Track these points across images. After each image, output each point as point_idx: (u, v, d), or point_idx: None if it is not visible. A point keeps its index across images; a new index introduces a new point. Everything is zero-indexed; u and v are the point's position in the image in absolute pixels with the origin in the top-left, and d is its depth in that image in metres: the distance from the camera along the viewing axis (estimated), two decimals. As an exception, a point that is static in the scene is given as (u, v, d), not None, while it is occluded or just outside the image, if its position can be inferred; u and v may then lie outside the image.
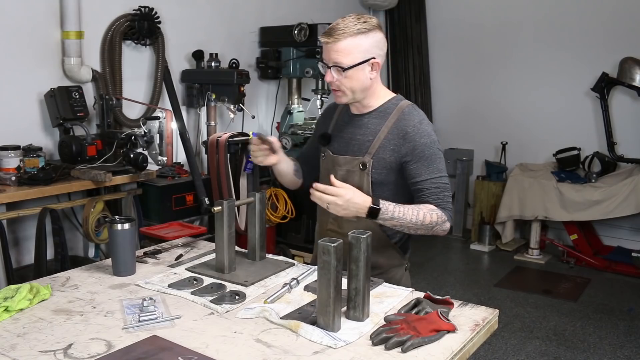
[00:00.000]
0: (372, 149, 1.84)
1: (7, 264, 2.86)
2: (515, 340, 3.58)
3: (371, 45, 1.77)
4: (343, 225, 1.90)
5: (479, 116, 5.87)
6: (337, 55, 1.75)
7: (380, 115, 1.87)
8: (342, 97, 1.84)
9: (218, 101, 4.03)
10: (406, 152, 1.80)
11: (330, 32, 1.76)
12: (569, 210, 4.86)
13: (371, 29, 1.76)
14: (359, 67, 1.77)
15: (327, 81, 1.81)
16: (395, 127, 1.82)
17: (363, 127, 1.88)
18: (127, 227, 1.80)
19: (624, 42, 5.00)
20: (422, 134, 1.80)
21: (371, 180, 1.84)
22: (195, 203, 3.63)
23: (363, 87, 1.82)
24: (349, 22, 1.75)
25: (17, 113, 3.24)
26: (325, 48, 1.78)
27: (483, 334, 1.52)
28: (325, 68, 1.80)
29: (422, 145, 1.79)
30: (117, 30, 3.60)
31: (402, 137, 1.81)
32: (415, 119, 1.83)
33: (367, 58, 1.77)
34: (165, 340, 1.38)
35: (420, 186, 1.80)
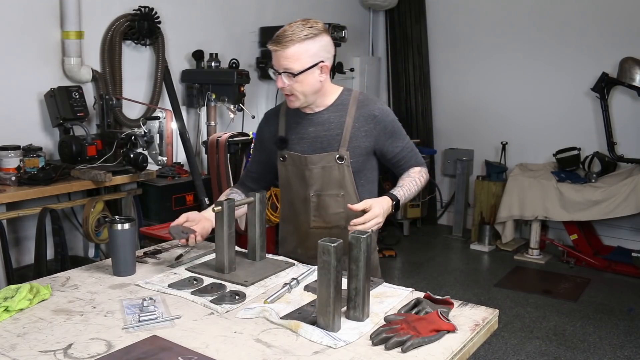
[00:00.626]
0: (344, 141, 1.90)
1: (7, 264, 2.86)
2: (515, 340, 3.58)
3: (319, 49, 1.82)
4: (328, 219, 1.96)
5: (479, 116, 5.87)
6: (287, 61, 1.79)
7: (338, 109, 1.93)
8: (295, 102, 1.89)
9: (218, 101, 4.03)
10: (379, 133, 1.93)
11: (278, 39, 1.79)
12: (569, 210, 4.86)
13: (318, 34, 1.81)
14: (308, 71, 1.81)
15: (279, 87, 1.86)
16: (360, 114, 1.91)
17: (325, 123, 1.93)
18: (127, 227, 1.80)
19: (624, 42, 5.00)
20: (387, 113, 1.95)
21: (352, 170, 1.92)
22: (195, 203, 3.63)
23: (314, 90, 1.87)
24: (295, 28, 1.79)
25: (17, 113, 3.24)
26: (274, 55, 1.82)
27: (483, 334, 1.52)
28: (276, 74, 1.84)
29: (391, 122, 1.95)
30: (117, 30, 3.60)
31: (372, 121, 1.92)
32: (376, 102, 1.97)
33: (316, 62, 1.82)
34: (165, 340, 1.38)
35: (401, 155, 1.98)
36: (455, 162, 5.78)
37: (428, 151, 5.90)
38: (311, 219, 1.98)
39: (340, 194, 1.94)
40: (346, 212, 1.89)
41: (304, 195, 1.98)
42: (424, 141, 6.04)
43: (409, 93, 6.12)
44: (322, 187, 1.94)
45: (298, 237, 2.05)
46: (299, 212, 2.01)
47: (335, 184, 1.93)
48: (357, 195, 1.93)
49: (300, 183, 1.98)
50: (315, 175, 1.93)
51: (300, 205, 2.00)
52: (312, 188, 1.95)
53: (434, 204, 6.16)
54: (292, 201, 2.04)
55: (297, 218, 2.03)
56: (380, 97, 6.33)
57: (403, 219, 5.74)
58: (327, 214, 1.96)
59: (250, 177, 2.15)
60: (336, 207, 1.94)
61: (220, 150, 3.71)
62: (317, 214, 1.97)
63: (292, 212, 2.05)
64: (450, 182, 6.10)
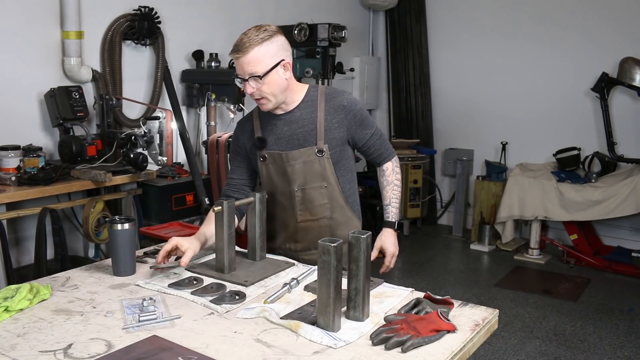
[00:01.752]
0: (320, 135, 1.96)
1: (7, 264, 2.86)
2: (515, 340, 3.58)
3: (277, 49, 1.88)
4: (314, 212, 2.03)
5: (479, 116, 5.87)
6: (250, 66, 1.84)
7: (308, 105, 1.99)
8: (267, 104, 1.93)
9: (218, 101, 4.03)
10: (350, 122, 1.99)
11: (238, 48, 1.85)
12: (569, 210, 4.86)
13: (273, 35, 1.87)
14: (272, 71, 1.86)
15: (248, 93, 1.90)
16: (329, 107, 1.98)
17: (298, 120, 1.98)
18: (127, 227, 1.81)
19: (624, 42, 5.00)
20: (355, 102, 2.02)
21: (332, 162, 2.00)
22: (195, 203, 3.63)
23: (281, 89, 1.92)
24: (251, 34, 1.85)
25: (17, 113, 3.24)
26: (237, 64, 1.87)
27: (483, 334, 1.52)
28: (243, 82, 1.88)
29: (360, 111, 2.02)
30: (117, 30, 3.60)
31: (342, 112, 1.98)
32: (343, 93, 2.02)
33: (278, 61, 1.87)
34: (165, 340, 1.38)
35: (370, 143, 2.06)
36: (455, 162, 5.78)
37: (428, 151, 5.90)
38: (298, 213, 2.03)
39: (324, 186, 2.01)
40: (330, 202, 2.02)
41: (288, 191, 2.02)
42: (424, 141, 6.04)
43: (409, 93, 6.12)
44: (305, 181, 2.00)
45: (286, 232, 2.09)
46: (286, 208, 2.06)
47: (317, 177, 1.99)
48: (339, 185, 2.02)
49: (283, 180, 2.02)
50: (297, 170, 1.98)
51: (285, 202, 2.05)
52: (295, 183, 2.00)
53: (434, 204, 6.16)
54: (276, 198, 2.07)
55: (284, 214, 2.07)
56: (380, 97, 6.33)
57: (403, 219, 5.74)
58: (313, 207, 2.02)
59: (234, 186, 2.13)
60: (321, 199, 2.02)
61: (220, 150, 3.70)
62: (303, 208, 2.03)
63: (277, 208, 2.09)
64: (450, 182, 6.10)
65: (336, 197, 2.03)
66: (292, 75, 1.96)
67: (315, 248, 1.86)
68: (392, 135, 6.29)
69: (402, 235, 5.71)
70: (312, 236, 2.03)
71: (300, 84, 2.03)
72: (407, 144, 5.78)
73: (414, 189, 5.65)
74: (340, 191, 2.03)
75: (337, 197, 2.03)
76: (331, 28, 4.39)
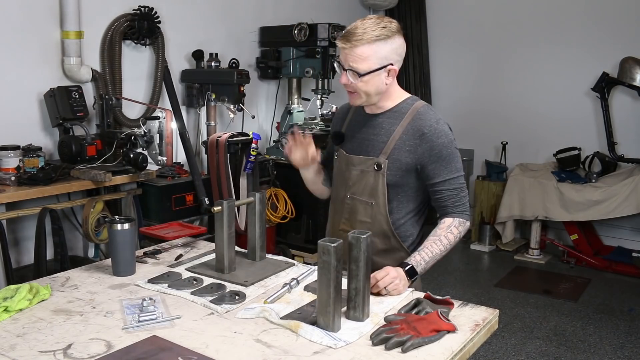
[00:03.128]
0: (387, 150, 1.82)
1: (7, 264, 2.86)
2: (515, 341, 3.58)
3: (389, 52, 1.74)
4: (355, 225, 1.89)
5: (479, 116, 5.86)
6: (354, 59, 1.72)
7: (394, 116, 1.85)
8: (356, 100, 1.83)
9: (218, 101, 4.02)
10: (423, 152, 1.79)
11: (348, 36, 1.72)
12: (569, 210, 4.85)
13: (391, 35, 1.73)
14: (374, 73, 1.74)
15: (342, 83, 1.80)
16: (411, 127, 1.81)
17: (377, 127, 1.87)
18: (127, 227, 1.80)
19: (624, 41, 4.99)
20: (439, 134, 1.79)
21: (386, 182, 1.83)
22: (195, 203, 3.62)
23: (378, 92, 1.80)
24: (368, 27, 1.71)
25: (17, 113, 3.24)
26: (342, 51, 1.75)
27: (483, 334, 1.52)
28: (341, 69, 1.78)
29: (440, 146, 1.79)
30: (117, 30, 3.60)
31: (419, 138, 1.79)
32: (432, 119, 1.81)
33: (384, 65, 1.75)
34: (165, 341, 1.38)
35: (439, 187, 1.82)
36: (455, 162, 5.77)
37: (428, 151, 5.89)
38: (342, 220, 1.95)
39: (371, 203, 1.86)
40: (373, 223, 1.85)
41: (343, 195, 1.94)
42: (424, 141, 6.02)
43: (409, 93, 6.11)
44: (357, 191, 1.89)
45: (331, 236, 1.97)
46: (336, 212, 1.98)
47: (367, 191, 1.86)
48: (386, 209, 1.85)
49: (342, 182, 1.94)
50: (354, 177, 1.89)
51: (338, 205, 1.97)
52: (349, 190, 1.91)
53: (434, 204, 6.14)
54: (334, 199, 2.01)
55: (334, 217, 2.01)
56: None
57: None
58: (356, 220, 1.90)
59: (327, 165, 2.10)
60: (364, 215, 1.88)
61: (220, 150, 3.70)
62: (347, 217, 1.92)
63: (332, 210, 2.02)
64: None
65: (380, 220, 1.85)
66: (395, 81, 1.84)
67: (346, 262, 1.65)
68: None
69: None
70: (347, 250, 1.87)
71: (401, 91, 1.89)
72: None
73: (414, 189, 5.64)
74: (386, 216, 1.84)
75: (381, 221, 1.85)
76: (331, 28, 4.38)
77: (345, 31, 1.74)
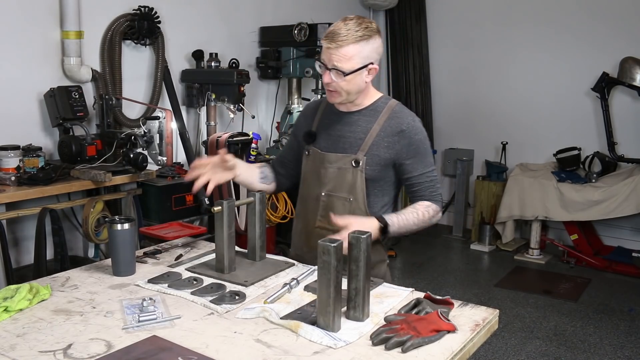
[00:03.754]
0: (364, 146, 1.87)
1: (7, 264, 2.86)
2: (515, 341, 3.58)
3: (371, 51, 1.80)
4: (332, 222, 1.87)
5: (479, 116, 5.86)
6: (339, 59, 1.77)
7: (370, 114, 1.91)
8: (336, 98, 1.88)
9: (218, 101, 4.02)
10: (401, 148, 1.87)
11: (333, 36, 1.77)
12: (569, 210, 4.86)
13: (372, 35, 1.79)
14: (357, 72, 1.80)
15: (325, 82, 1.84)
16: (388, 124, 1.88)
17: (353, 124, 1.91)
18: (127, 227, 1.80)
19: (624, 41, 5.00)
20: (416, 131, 1.88)
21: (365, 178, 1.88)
22: (195, 203, 3.62)
23: (358, 90, 1.86)
24: (351, 27, 1.76)
25: (17, 113, 3.24)
26: (326, 51, 1.80)
27: (483, 334, 1.52)
28: (324, 69, 1.82)
29: (418, 142, 1.88)
30: (117, 30, 3.60)
31: (397, 135, 1.87)
32: (409, 116, 1.90)
33: (366, 64, 1.80)
34: (165, 341, 1.38)
35: (416, 180, 1.90)
36: (455, 162, 5.78)
37: (428, 151, 5.89)
38: (317, 218, 1.97)
39: (349, 199, 1.90)
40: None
41: (317, 193, 1.96)
42: (424, 141, 6.02)
43: (409, 93, 6.12)
44: (334, 188, 1.92)
45: (305, 235, 2.04)
46: (309, 210, 2.00)
47: (346, 187, 1.90)
48: (365, 204, 1.90)
49: (316, 180, 1.97)
50: (330, 174, 1.91)
51: (311, 203, 1.99)
52: (324, 187, 1.94)
53: (434, 204, 6.14)
54: (305, 198, 2.03)
55: (307, 216, 2.02)
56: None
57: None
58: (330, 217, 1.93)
59: (279, 162, 2.14)
60: (343, 211, 1.90)
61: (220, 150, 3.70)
62: (324, 214, 1.94)
63: (303, 209, 2.04)
64: (450, 182, 6.09)
65: (358, 215, 1.88)
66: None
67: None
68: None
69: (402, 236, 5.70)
70: None
71: (374, 91, 1.95)
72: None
73: (414, 189, 5.64)
74: (365, 211, 1.89)
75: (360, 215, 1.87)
76: (331, 28, 4.38)
77: (328, 31, 1.79)
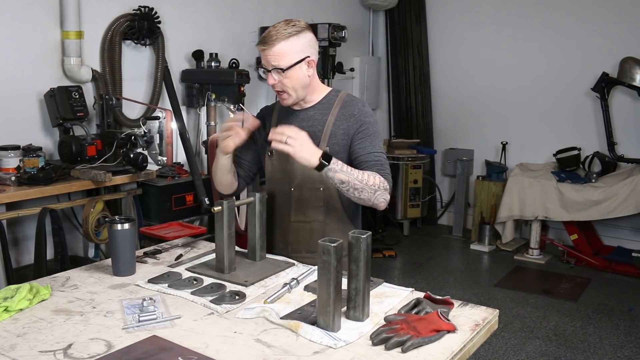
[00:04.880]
0: (324, 137, 1.96)
1: (7, 264, 2.86)
2: (515, 340, 3.58)
3: (304, 45, 1.90)
4: (307, 213, 2.00)
5: (479, 116, 5.87)
6: (275, 58, 1.87)
7: (323, 107, 2.00)
8: (287, 99, 1.96)
9: (218, 101, 4.03)
10: (354, 131, 1.96)
11: (265, 39, 1.88)
12: (569, 210, 4.86)
13: (301, 31, 1.89)
14: (296, 66, 1.89)
15: (270, 84, 1.93)
16: (341, 113, 1.98)
17: (309, 119, 2.00)
18: (127, 227, 1.80)
19: (624, 42, 5.00)
20: (366, 114, 1.98)
21: None
22: (195, 203, 3.62)
23: (303, 85, 1.94)
24: (279, 28, 1.87)
25: (17, 113, 3.24)
26: (263, 55, 1.90)
27: (483, 334, 1.52)
28: (266, 72, 1.91)
29: (367, 124, 1.97)
30: (117, 30, 3.60)
31: (349, 119, 1.96)
32: (359, 103, 2.01)
33: (303, 57, 1.90)
34: (165, 340, 1.38)
35: (365, 159, 1.93)
36: (455, 162, 5.78)
37: (428, 151, 5.90)
38: (292, 213, 2.03)
39: (320, 189, 1.99)
40: (326, 206, 2.00)
41: (286, 189, 2.03)
42: (424, 141, 6.04)
43: (409, 93, 6.12)
44: (303, 182, 1.99)
45: (279, 231, 2.08)
46: (281, 207, 2.06)
47: (316, 179, 1.96)
48: (337, 191, 1.94)
49: (283, 177, 2.03)
50: (297, 169, 1.97)
51: (282, 200, 2.05)
52: (293, 182, 2.00)
53: (434, 204, 6.16)
54: (275, 196, 2.07)
55: (279, 212, 2.07)
56: (380, 97, 6.32)
57: (403, 219, 5.74)
58: (307, 208, 2.01)
59: (237, 162, 2.15)
60: (316, 202, 2.00)
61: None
62: (297, 208, 2.02)
63: (276, 206, 2.08)
64: (450, 182, 6.10)
65: (332, 202, 1.99)
66: (316, 74, 1.99)
67: (307, 251, 2.03)
68: (392, 135, 6.29)
69: (402, 235, 5.71)
70: (303, 238, 2.02)
71: (323, 85, 2.05)
72: (407, 144, 5.78)
73: (414, 189, 5.65)
74: (337, 197, 1.99)
75: (334, 203, 1.99)
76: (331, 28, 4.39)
77: (261, 37, 1.90)
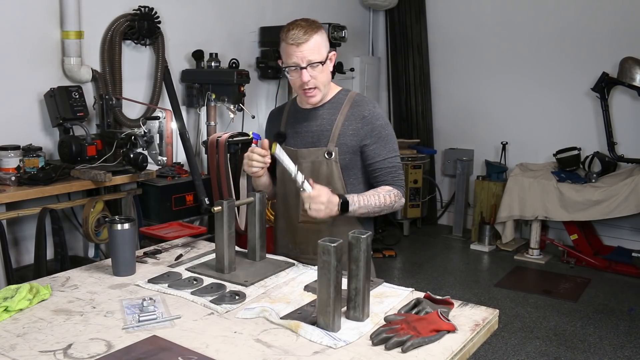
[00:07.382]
0: (333, 137, 1.95)
1: (7, 264, 2.86)
2: (515, 341, 3.58)
3: (326, 40, 1.92)
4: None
5: (479, 116, 5.87)
6: (311, 53, 1.86)
7: (333, 106, 1.99)
8: (317, 96, 1.95)
9: (218, 101, 4.03)
10: (365, 134, 1.95)
11: (297, 36, 1.85)
12: (569, 210, 4.86)
13: (320, 27, 1.91)
14: (327, 60, 1.91)
15: (305, 81, 1.89)
16: (351, 113, 1.96)
17: (318, 118, 1.99)
18: (127, 227, 1.80)
19: (624, 42, 4.99)
20: (377, 117, 1.97)
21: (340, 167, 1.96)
22: (195, 203, 3.63)
23: (329, 80, 1.96)
24: (303, 24, 1.87)
25: (17, 113, 3.24)
26: (295, 53, 1.86)
27: (483, 334, 1.52)
28: (297, 70, 1.88)
29: (379, 127, 1.96)
30: (117, 30, 3.60)
31: (360, 121, 1.95)
32: (370, 104, 1.99)
33: (329, 52, 1.93)
34: (165, 340, 1.38)
35: (379, 166, 1.96)
36: (455, 162, 5.78)
37: (428, 151, 5.90)
38: (300, 213, 2.01)
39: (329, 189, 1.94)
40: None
41: (296, 189, 1.98)
42: (424, 141, 6.04)
43: (409, 93, 6.12)
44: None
45: (289, 232, 2.08)
46: (290, 207, 2.05)
47: (324, 179, 1.95)
48: (345, 192, 1.95)
49: (286, 180, 2.01)
50: (305, 169, 1.96)
51: (292, 200, 2.04)
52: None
53: (434, 204, 6.16)
54: (285, 196, 2.07)
55: (289, 213, 2.07)
56: (380, 97, 6.32)
57: (403, 219, 5.73)
58: None
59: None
60: None
61: (220, 150, 3.70)
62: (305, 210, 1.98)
63: (284, 207, 2.09)
64: (450, 182, 6.09)
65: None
66: None
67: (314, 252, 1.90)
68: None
69: (402, 235, 5.71)
70: (311, 239, 2.00)
71: (334, 85, 2.04)
72: (407, 144, 5.78)
73: (414, 189, 5.65)
74: None
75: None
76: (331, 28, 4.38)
77: (288, 38, 1.86)
